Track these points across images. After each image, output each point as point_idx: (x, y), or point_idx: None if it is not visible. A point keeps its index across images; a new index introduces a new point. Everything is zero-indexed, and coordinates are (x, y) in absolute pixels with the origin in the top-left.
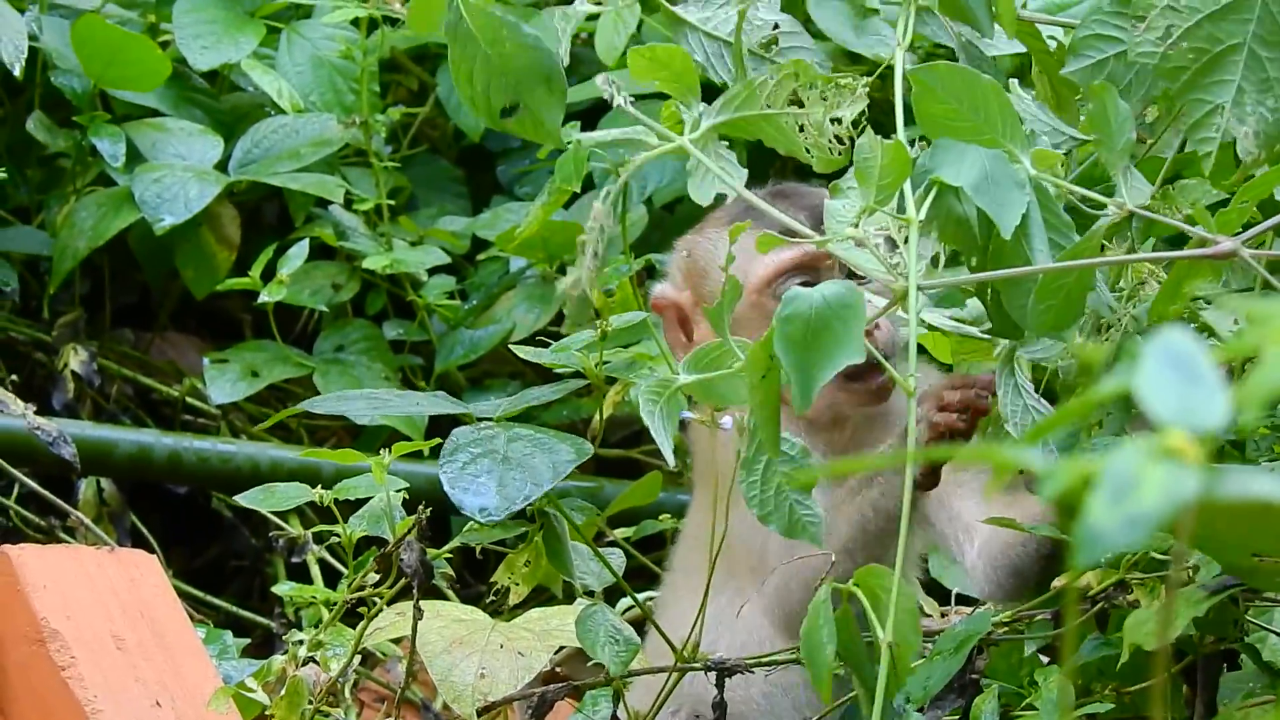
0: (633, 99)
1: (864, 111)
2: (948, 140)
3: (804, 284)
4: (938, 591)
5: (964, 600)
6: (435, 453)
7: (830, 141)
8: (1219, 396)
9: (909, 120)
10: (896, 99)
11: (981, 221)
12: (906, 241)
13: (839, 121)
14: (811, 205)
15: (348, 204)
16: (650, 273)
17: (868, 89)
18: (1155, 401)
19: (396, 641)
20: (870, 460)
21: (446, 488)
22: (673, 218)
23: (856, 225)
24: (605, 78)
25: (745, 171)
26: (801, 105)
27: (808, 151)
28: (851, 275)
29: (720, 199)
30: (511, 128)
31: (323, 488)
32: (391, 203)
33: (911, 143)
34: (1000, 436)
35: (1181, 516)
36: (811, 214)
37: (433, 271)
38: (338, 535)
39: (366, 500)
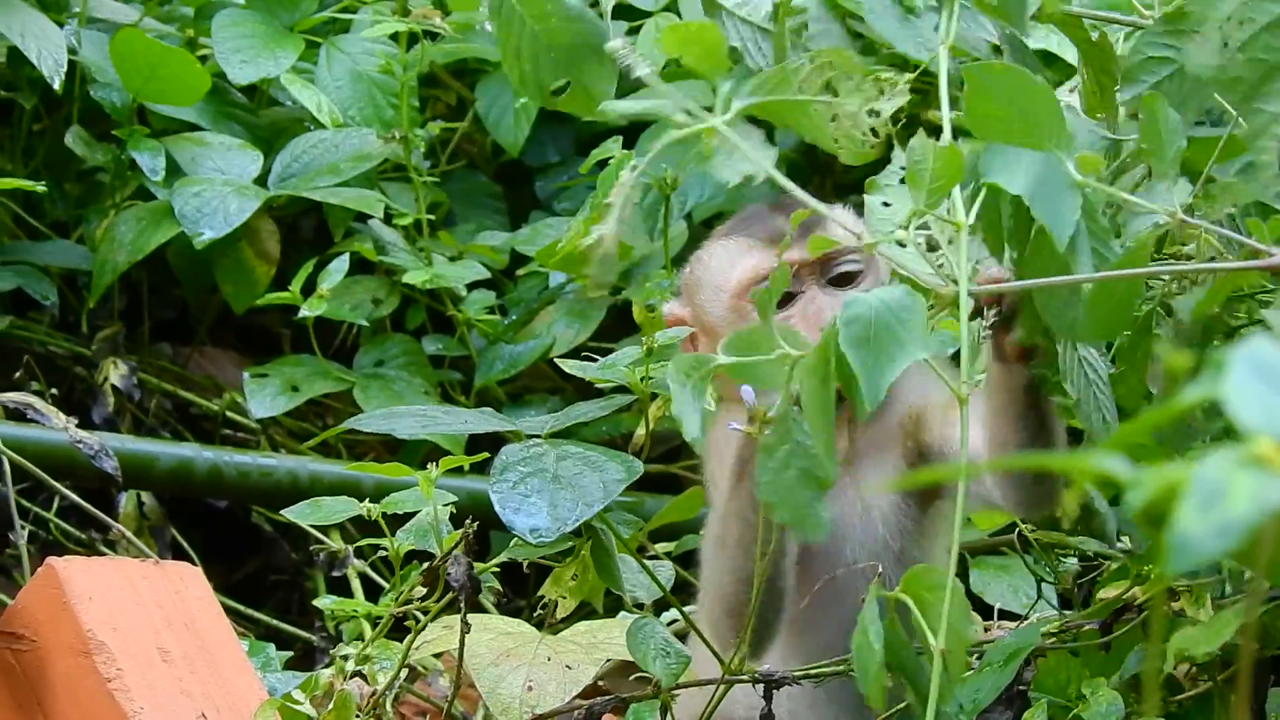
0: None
1: (903, 107)
2: (1000, 144)
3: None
4: (980, 606)
5: (1006, 615)
6: (476, 468)
7: (864, 135)
8: None
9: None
10: (943, 99)
11: (1018, 227)
12: (952, 244)
13: (875, 114)
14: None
15: (387, 219)
16: None
17: (909, 85)
18: (1243, 409)
19: (438, 656)
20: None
21: (497, 507)
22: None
23: (906, 228)
24: (621, 41)
25: (774, 151)
26: (836, 95)
27: (835, 142)
28: (835, 281)
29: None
30: (564, 104)
31: (367, 501)
32: (431, 218)
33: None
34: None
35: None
36: (802, 226)
37: (472, 286)
38: (381, 549)
39: (407, 515)
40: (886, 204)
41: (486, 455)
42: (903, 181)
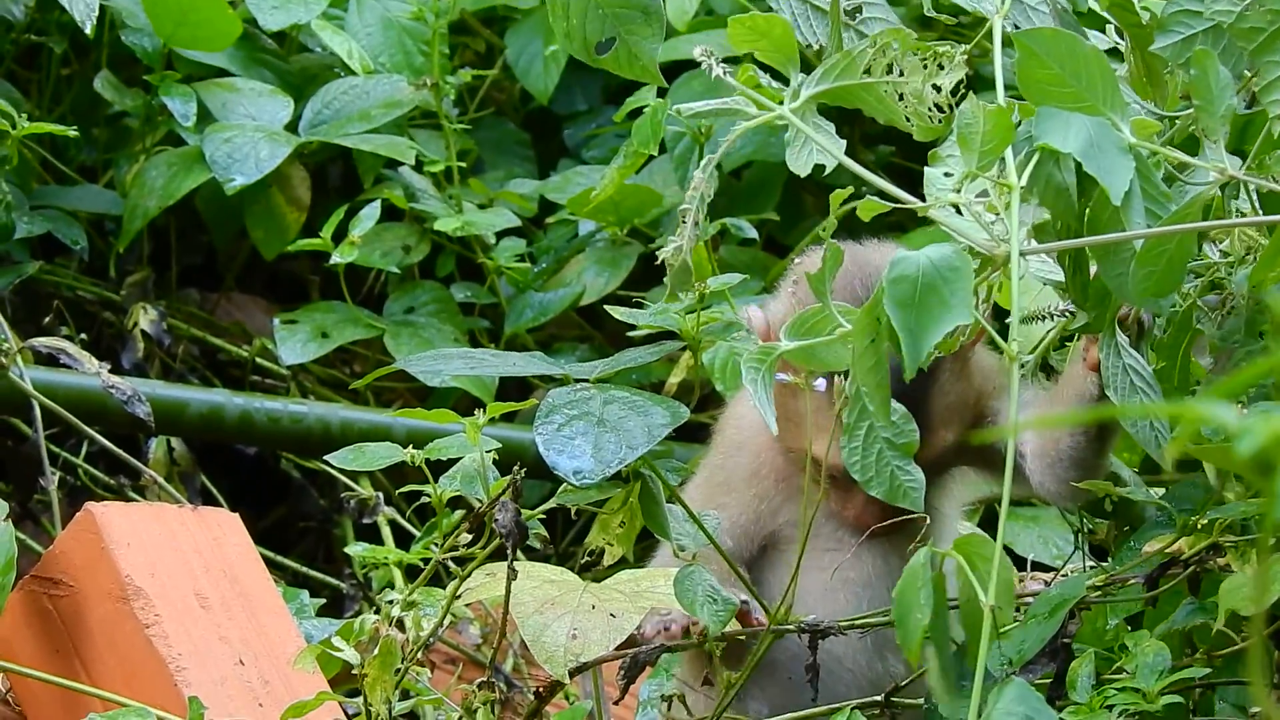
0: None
1: (963, 79)
2: (1051, 107)
3: None
4: (1010, 557)
5: (1039, 566)
6: (507, 418)
7: (930, 110)
8: None
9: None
10: (996, 64)
11: (1080, 190)
12: (1007, 208)
13: (938, 89)
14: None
15: (417, 166)
16: (723, 235)
17: (966, 56)
18: None
19: (467, 604)
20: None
21: (541, 449)
22: (740, 184)
23: (959, 190)
24: (703, 49)
25: (844, 142)
26: (900, 74)
27: (907, 120)
28: None
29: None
30: (607, 63)
31: (411, 448)
32: (461, 165)
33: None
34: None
35: None
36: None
37: (502, 234)
38: (416, 497)
39: (443, 463)
40: (948, 174)
41: (521, 405)
42: None
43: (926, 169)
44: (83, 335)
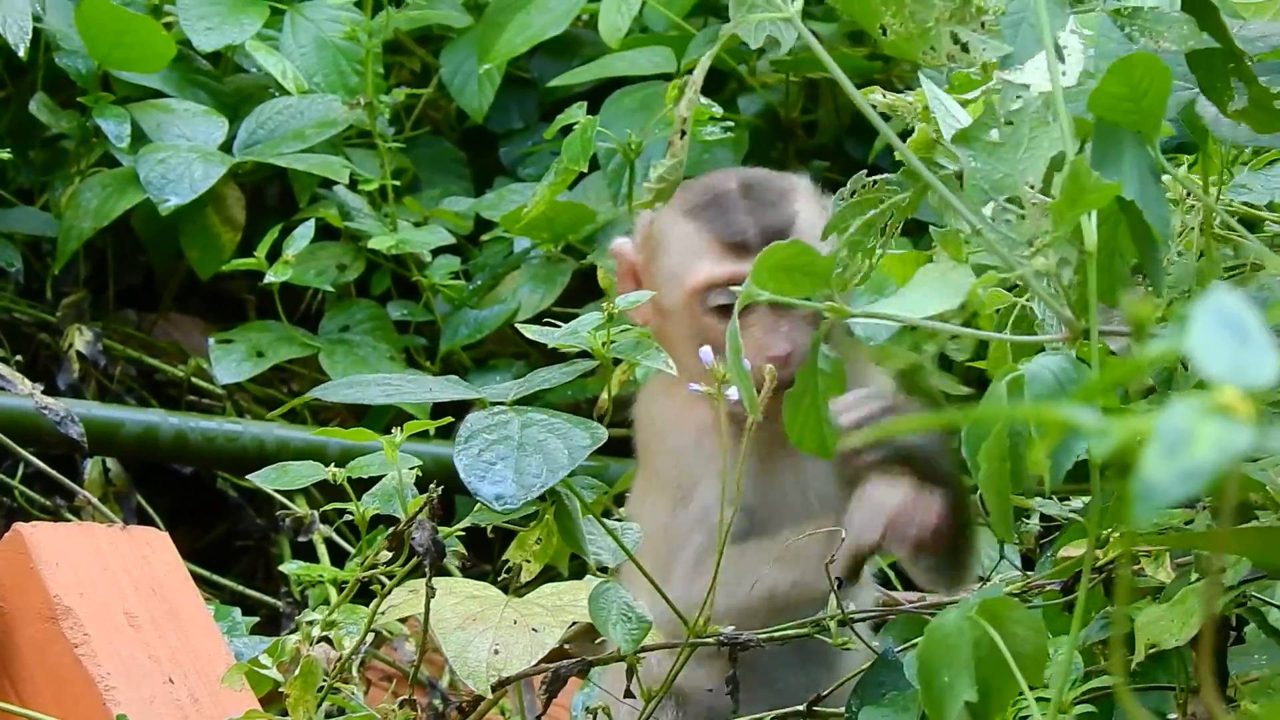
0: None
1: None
2: (1109, 127)
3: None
4: None
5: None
6: (442, 432)
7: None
8: (1270, 355)
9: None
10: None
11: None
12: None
13: (958, 40)
14: (765, 223)
15: (352, 185)
16: None
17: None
18: (1207, 360)
19: (403, 620)
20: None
21: (462, 475)
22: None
23: (1036, 254)
24: None
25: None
26: None
27: (882, 30)
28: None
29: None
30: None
31: (332, 466)
32: (396, 183)
33: None
34: None
35: (1230, 473)
36: (761, 230)
37: (437, 252)
38: (347, 514)
39: (374, 480)
40: (975, 164)
41: (452, 420)
42: (999, 143)
43: (957, 149)
44: (18, 357)
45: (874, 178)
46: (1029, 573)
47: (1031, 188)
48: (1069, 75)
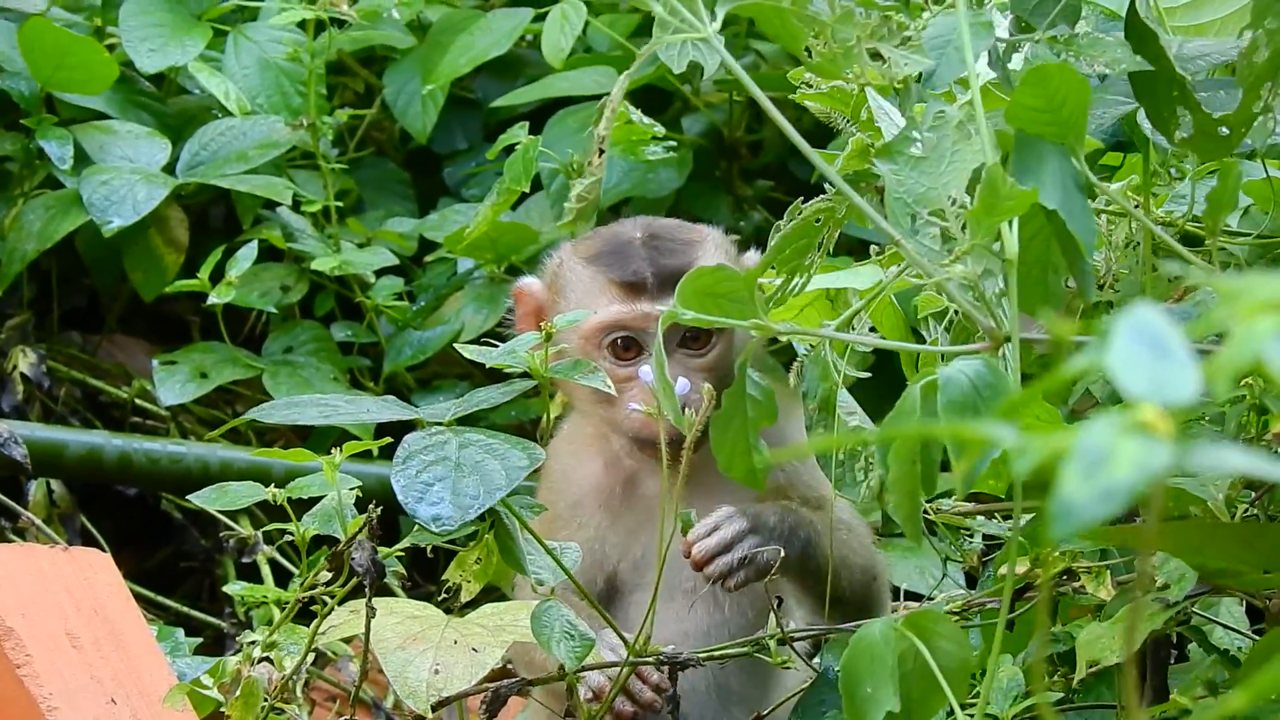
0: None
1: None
2: (1028, 137)
3: (625, 339)
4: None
5: (913, 596)
6: (385, 452)
7: (844, 58)
8: (1189, 371)
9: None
10: (976, 105)
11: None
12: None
13: (877, 56)
14: (663, 266)
15: (295, 206)
16: None
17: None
18: (1126, 376)
19: (347, 641)
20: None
21: (400, 497)
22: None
23: (955, 262)
24: None
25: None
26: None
27: (807, 52)
28: (684, 342)
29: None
30: None
31: (273, 487)
32: (339, 205)
33: None
34: None
35: (1152, 491)
36: (658, 273)
37: (381, 273)
38: (288, 535)
39: (318, 499)
40: (897, 176)
41: (395, 441)
42: (921, 157)
43: (881, 165)
44: None
45: (811, 201)
46: (971, 591)
47: (953, 201)
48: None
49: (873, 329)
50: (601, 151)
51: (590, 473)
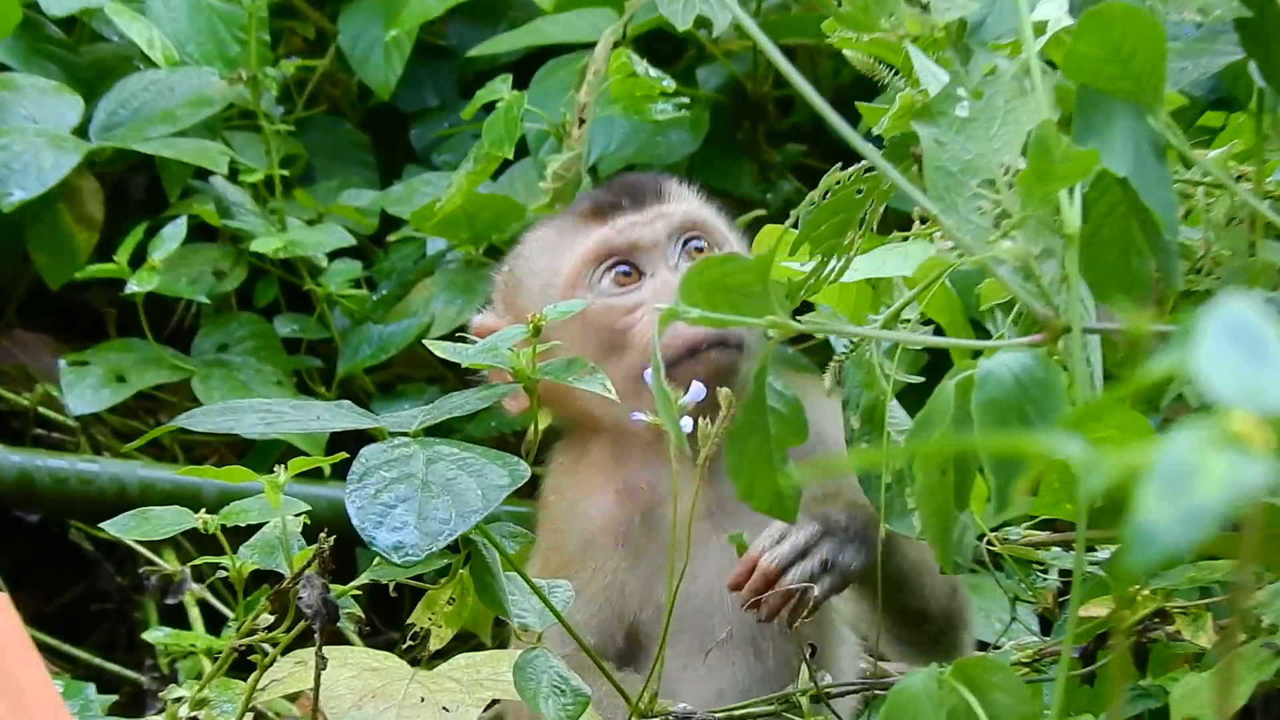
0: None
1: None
2: (1091, 91)
3: (621, 263)
4: None
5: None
6: (338, 470)
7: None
8: None
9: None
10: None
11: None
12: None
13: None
14: (632, 183)
15: (232, 175)
16: None
17: None
18: (1215, 379)
19: (292, 699)
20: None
21: (356, 521)
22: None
23: (1005, 238)
24: None
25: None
26: None
27: (837, 2)
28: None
29: None
30: None
31: (203, 512)
32: (285, 173)
33: None
34: None
35: (1248, 513)
36: (632, 189)
37: (334, 255)
38: (222, 570)
39: (258, 527)
40: (939, 142)
41: (348, 456)
42: (968, 119)
43: (918, 128)
44: None
45: (850, 169)
46: (1045, 638)
47: (1006, 170)
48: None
49: (926, 322)
50: (582, 121)
51: (601, 506)
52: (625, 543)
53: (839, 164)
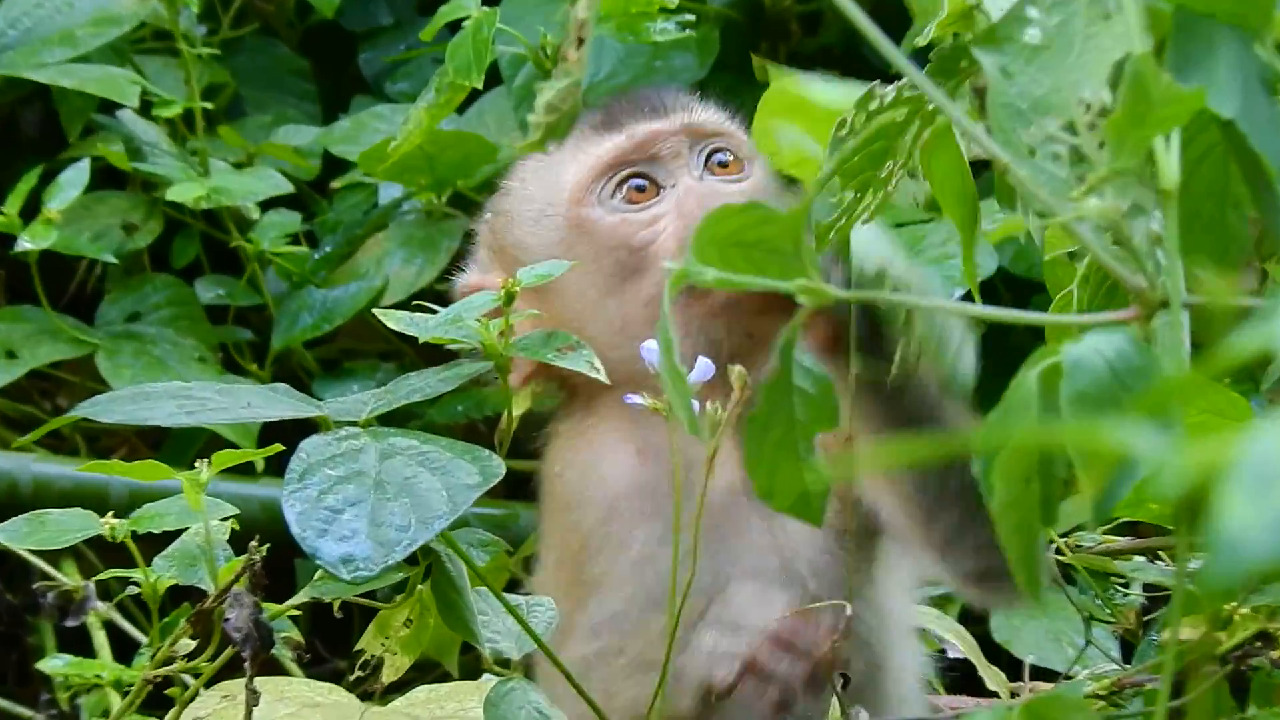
0: None
1: None
2: (1190, 17)
3: (635, 175)
4: (1004, 659)
5: (1041, 675)
6: (274, 465)
7: None
8: None
9: None
10: None
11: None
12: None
13: None
14: (642, 93)
15: (145, 109)
16: None
17: None
18: None
19: None
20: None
21: (294, 528)
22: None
23: (1090, 194)
24: None
25: None
26: None
27: None
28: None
29: None
30: None
31: (110, 516)
32: (208, 106)
33: None
34: None
35: None
36: (634, 101)
37: (267, 205)
38: (135, 586)
39: (177, 534)
40: (1007, 73)
41: (285, 449)
42: (1041, 45)
43: (981, 56)
44: None
45: (889, 88)
46: (1126, 666)
47: (1087, 108)
48: None
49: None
50: (581, 41)
51: (622, 467)
52: (655, 508)
53: (877, 81)
